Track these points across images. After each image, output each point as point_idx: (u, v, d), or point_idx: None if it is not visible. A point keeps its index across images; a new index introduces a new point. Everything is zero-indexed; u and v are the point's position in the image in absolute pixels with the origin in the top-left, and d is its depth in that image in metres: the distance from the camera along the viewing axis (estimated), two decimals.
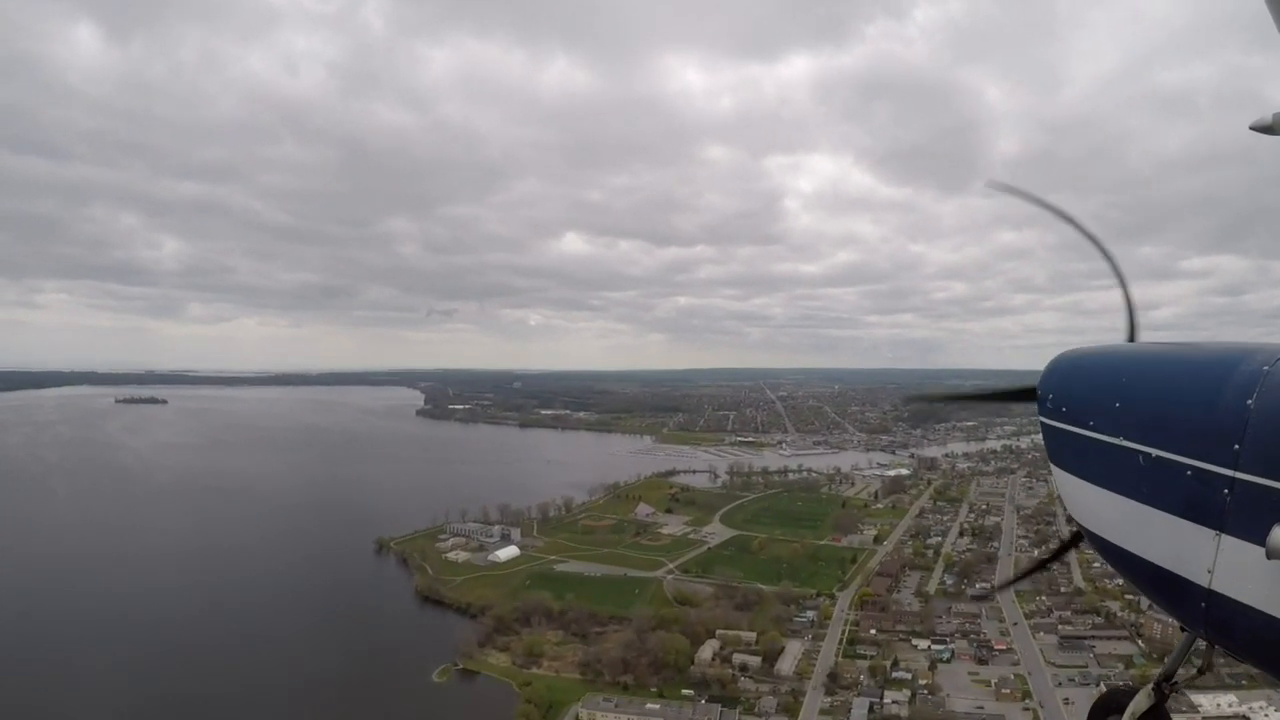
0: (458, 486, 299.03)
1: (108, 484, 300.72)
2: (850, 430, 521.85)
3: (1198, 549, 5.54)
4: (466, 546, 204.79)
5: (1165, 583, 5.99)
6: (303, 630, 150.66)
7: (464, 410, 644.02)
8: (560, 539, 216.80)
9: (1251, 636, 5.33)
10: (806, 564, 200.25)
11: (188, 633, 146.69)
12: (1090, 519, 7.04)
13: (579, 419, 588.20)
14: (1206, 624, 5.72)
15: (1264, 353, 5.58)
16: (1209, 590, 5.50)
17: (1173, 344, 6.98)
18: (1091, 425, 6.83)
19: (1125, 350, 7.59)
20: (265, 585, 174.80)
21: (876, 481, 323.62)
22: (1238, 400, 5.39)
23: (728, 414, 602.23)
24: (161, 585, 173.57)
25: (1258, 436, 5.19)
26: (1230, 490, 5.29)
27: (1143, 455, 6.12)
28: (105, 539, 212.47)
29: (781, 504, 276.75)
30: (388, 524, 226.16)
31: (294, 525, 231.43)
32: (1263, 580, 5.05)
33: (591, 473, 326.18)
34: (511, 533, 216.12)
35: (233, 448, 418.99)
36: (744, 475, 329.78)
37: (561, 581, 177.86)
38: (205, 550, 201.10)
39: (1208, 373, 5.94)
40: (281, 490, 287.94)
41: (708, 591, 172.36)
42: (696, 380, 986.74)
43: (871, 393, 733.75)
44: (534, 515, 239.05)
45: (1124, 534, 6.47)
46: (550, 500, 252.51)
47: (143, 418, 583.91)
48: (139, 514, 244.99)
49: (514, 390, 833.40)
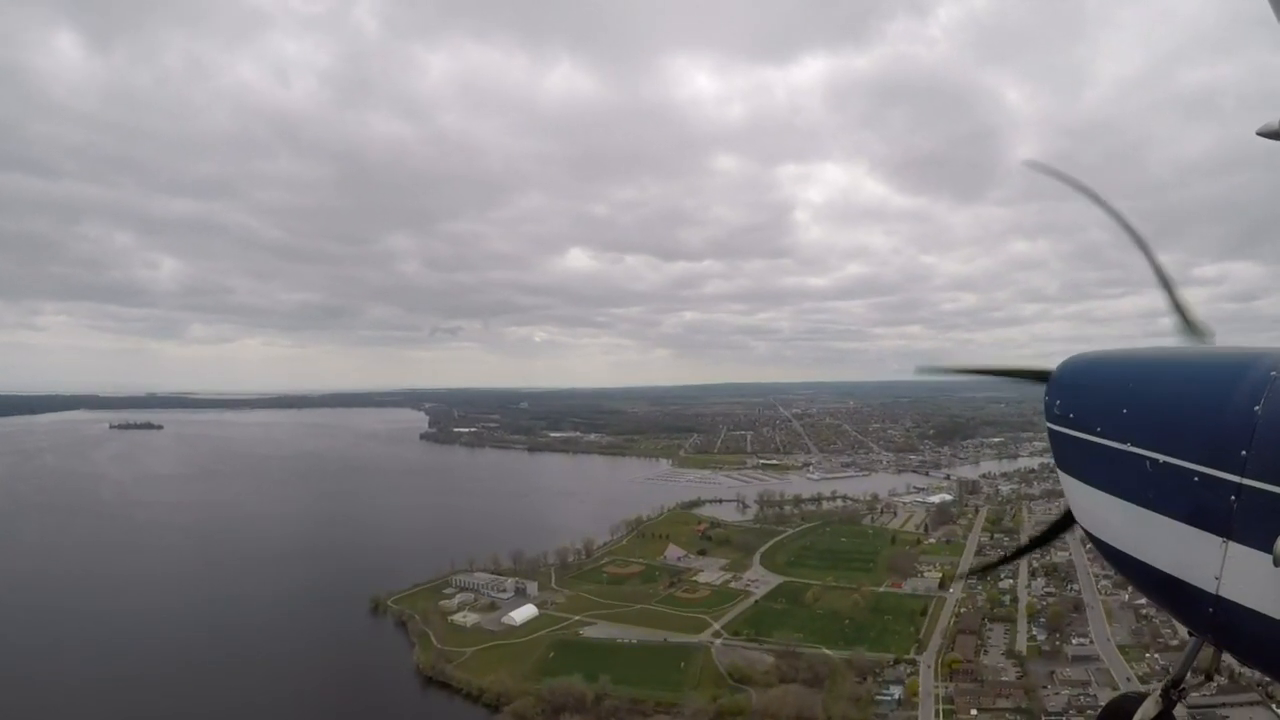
0: (464, 525, 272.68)
1: (80, 525, 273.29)
2: (875, 449, 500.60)
3: (1205, 555, 5.54)
4: (475, 605, 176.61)
5: (1173, 589, 5.97)
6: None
7: (469, 433, 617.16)
8: (583, 592, 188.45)
9: (1259, 642, 5.37)
10: (871, 619, 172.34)
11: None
12: (1098, 525, 6.97)
13: (590, 442, 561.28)
14: (1214, 630, 5.72)
15: (1271, 358, 5.57)
16: (1216, 596, 5.49)
17: (1179, 349, 7.04)
18: (1099, 431, 6.77)
19: (1132, 356, 7.34)
20: (231, 662, 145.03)
21: (919, 509, 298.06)
22: (1245, 406, 5.39)
23: (744, 434, 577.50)
24: (88, 665, 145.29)
25: (1265, 443, 5.22)
26: (1237, 496, 5.32)
27: (1150, 461, 6.10)
28: (53, 597, 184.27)
29: (824, 540, 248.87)
30: (385, 574, 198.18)
31: (278, 575, 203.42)
32: (1270, 586, 5.07)
33: (609, 505, 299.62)
34: (527, 586, 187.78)
35: (222, 479, 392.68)
36: (775, 504, 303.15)
37: (591, 652, 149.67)
38: (160, 615, 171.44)
39: (1215, 378, 5.96)
40: (268, 532, 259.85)
41: (766, 662, 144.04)
42: (704, 396, 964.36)
43: (888, 408, 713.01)
44: (551, 562, 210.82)
45: (1131, 540, 6.45)
46: (568, 544, 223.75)
47: (135, 445, 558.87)
48: (101, 563, 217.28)
49: (521, 410, 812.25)
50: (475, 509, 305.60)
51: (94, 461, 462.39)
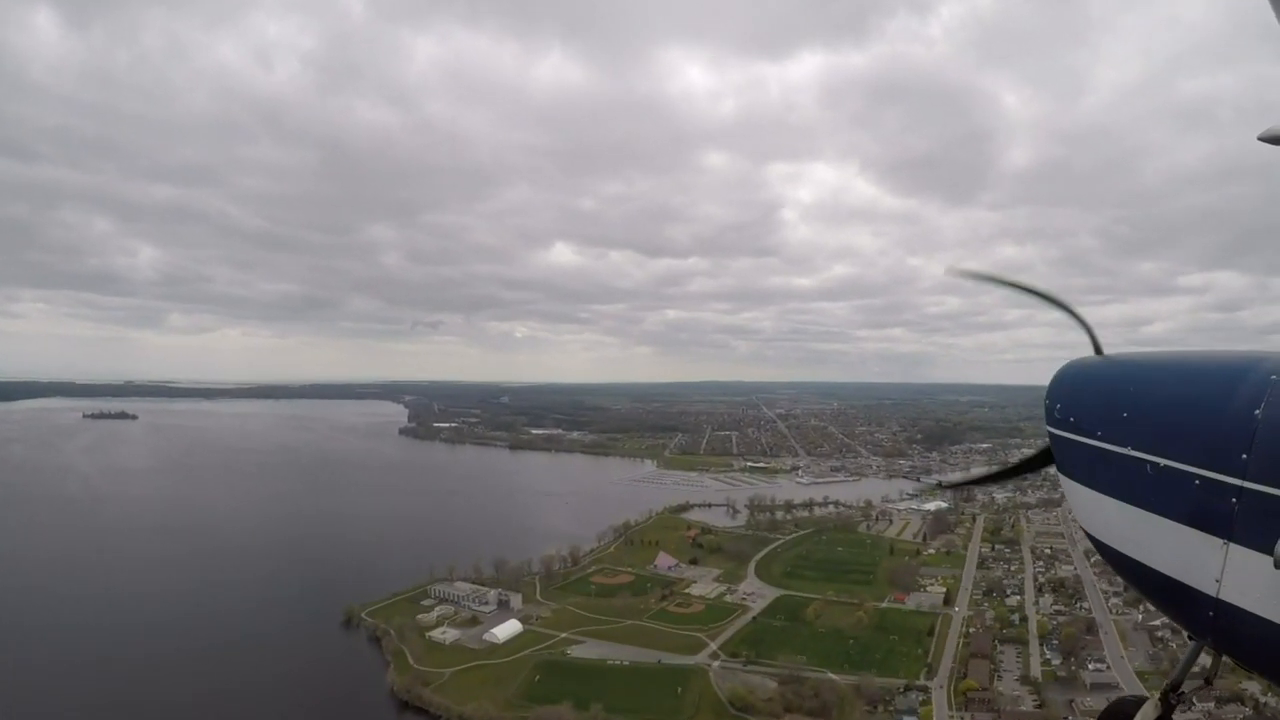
0: (443, 528, 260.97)
1: (41, 523, 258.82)
2: (863, 453, 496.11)
3: (1206, 558, 5.56)
4: (455, 619, 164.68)
5: (1173, 592, 5.97)
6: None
7: (449, 429, 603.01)
8: (570, 605, 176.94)
9: (1260, 645, 5.37)
10: (876, 638, 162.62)
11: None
12: (1098, 528, 6.95)
13: (573, 440, 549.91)
14: (1214, 633, 5.71)
15: (1272, 362, 5.62)
16: (1217, 599, 5.50)
17: (1180, 353, 6.97)
18: (1099, 435, 6.78)
19: (1133, 360, 7.35)
20: (180, 692, 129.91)
21: (915, 517, 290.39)
22: (1246, 410, 5.42)
23: (729, 434, 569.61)
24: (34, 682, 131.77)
25: (1266, 446, 5.24)
26: (1238, 499, 5.33)
27: (1151, 464, 6.11)
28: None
29: (820, 549, 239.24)
30: (359, 582, 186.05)
31: (244, 582, 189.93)
32: (1271, 589, 5.09)
33: (595, 507, 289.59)
34: (510, 598, 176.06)
35: (194, 474, 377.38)
36: (766, 509, 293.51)
37: (581, 674, 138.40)
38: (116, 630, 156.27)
39: (1215, 382, 5.95)
40: (235, 535, 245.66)
41: (768, 688, 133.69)
42: (686, 394, 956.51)
43: (871, 410, 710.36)
44: (535, 570, 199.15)
45: (1132, 543, 6.43)
46: (553, 551, 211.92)
47: (108, 436, 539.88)
48: (60, 566, 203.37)
49: (501, 406, 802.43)
50: (456, 510, 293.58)
51: (63, 453, 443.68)
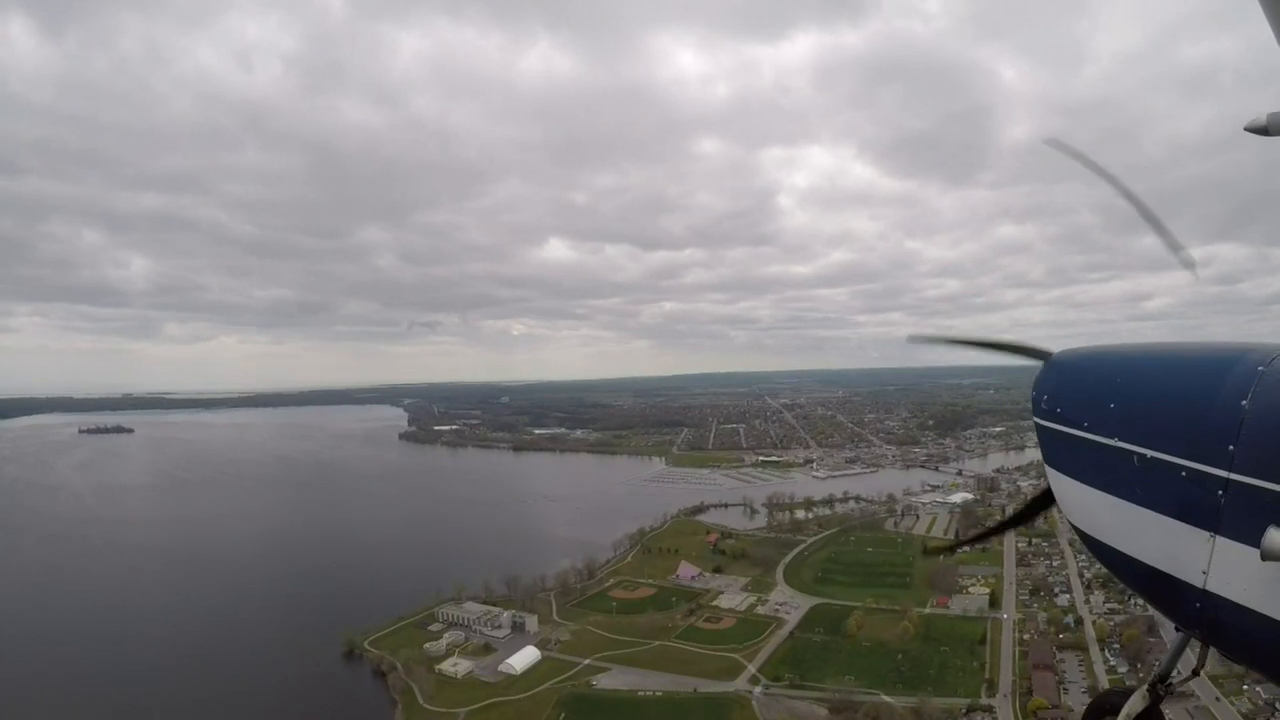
0: (449, 540, 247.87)
1: (25, 548, 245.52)
2: (876, 442, 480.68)
3: (1192, 550, 5.56)
4: (466, 648, 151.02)
5: (1160, 584, 5.98)
6: None
7: (450, 432, 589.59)
8: (590, 625, 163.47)
9: (1246, 637, 5.37)
10: (926, 650, 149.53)
11: None
12: (1085, 520, 6.94)
13: (577, 439, 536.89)
14: (1201, 625, 5.72)
15: (1258, 353, 5.60)
16: (1204, 591, 5.51)
17: (1167, 344, 6.93)
18: (1086, 426, 6.75)
19: (1119, 351, 7.29)
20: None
21: (942, 511, 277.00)
22: (1232, 401, 5.42)
23: (737, 427, 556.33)
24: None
25: (1252, 437, 5.24)
26: (1225, 491, 5.33)
27: (1137, 456, 6.08)
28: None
29: (849, 551, 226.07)
30: (360, 607, 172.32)
31: (238, 609, 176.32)
32: (1257, 581, 5.10)
33: (606, 512, 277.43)
34: (525, 620, 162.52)
35: (189, 489, 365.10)
36: (786, 508, 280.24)
37: (610, 709, 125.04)
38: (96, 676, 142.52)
39: (1202, 373, 5.94)
40: (230, 554, 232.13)
41: (818, 716, 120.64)
42: (687, 387, 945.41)
43: (877, 397, 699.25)
44: (550, 586, 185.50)
45: (1119, 535, 6.42)
46: (568, 563, 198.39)
47: (103, 451, 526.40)
48: (40, 597, 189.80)
49: (502, 406, 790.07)
50: (461, 521, 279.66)
51: (57, 471, 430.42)
